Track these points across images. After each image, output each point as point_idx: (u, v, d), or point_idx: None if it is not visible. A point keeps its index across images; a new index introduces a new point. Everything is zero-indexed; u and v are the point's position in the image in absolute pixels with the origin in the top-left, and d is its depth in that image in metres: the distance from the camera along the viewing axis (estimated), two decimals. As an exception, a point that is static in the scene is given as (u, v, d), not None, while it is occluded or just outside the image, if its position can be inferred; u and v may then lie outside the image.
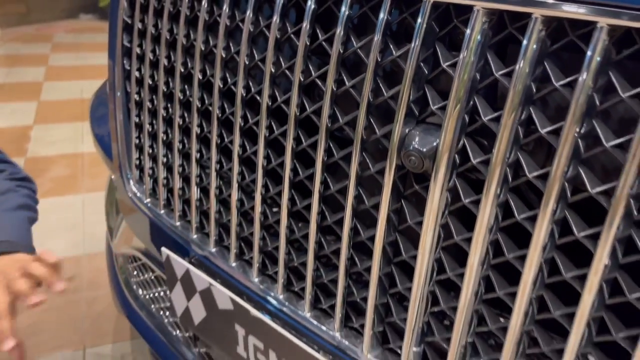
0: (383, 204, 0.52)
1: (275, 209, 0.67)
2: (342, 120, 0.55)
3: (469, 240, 0.48)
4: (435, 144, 0.48)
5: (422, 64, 0.48)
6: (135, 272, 1.07)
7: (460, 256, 0.50)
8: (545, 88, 0.43)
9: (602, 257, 0.40)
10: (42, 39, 4.50)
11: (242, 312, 0.68)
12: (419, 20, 0.47)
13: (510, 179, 0.45)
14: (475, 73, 0.45)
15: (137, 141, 0.88)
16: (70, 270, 1.63)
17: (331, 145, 0.57)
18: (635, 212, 0.39)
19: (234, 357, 0.74)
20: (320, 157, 0.57)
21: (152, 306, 1.04)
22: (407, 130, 0.49)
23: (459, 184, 0.48)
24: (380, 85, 0.51)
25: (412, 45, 0.47)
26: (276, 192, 0.65)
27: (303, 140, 0.59)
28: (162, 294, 1.01)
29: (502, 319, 0.50)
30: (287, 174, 0.61)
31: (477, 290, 0.49)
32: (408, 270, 0.55)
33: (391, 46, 0.50)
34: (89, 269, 1.63)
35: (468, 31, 0.44)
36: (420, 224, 0.51)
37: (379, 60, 0.50)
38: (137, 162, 0.89)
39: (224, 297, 0.70)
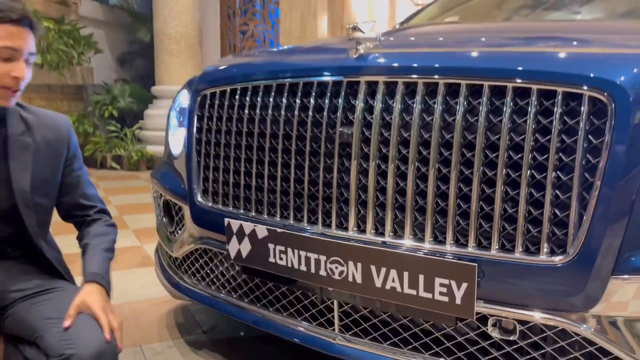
0: (336, 158, 1.31)
1: (284, 184, 1.43)
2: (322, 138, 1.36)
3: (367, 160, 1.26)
4: (352, 131, 1.28)
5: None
6: (189, 264, 1.75)
7: (365, 171, 1.28)
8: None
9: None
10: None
11: (272, 233, 1.40)
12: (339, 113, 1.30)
13: (378, 147, 1.25)
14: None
15: (204, 174, 1.64)
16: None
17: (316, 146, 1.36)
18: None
19: (267, 266, 1.43)
20: (306, 149, 1.36)
21: (204, 282, 1.71)
22: (344, 130, 1.29)
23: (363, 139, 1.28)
24: (336, 129, 1.33)
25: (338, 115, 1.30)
26: (286, 175, 1.42)
27: (302, 147, 1.39)
28: (211, 270, 1.69)
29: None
30: (293, 164, 1.39)
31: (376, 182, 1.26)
32: (346, 187, 1.31)
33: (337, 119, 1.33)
34: (130, 309, 2.23)
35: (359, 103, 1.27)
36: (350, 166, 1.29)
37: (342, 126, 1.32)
38: (203, 187, 1.64)
39: (262, 230, 1.42)
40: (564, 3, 3.07)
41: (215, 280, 1.68)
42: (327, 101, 1.33)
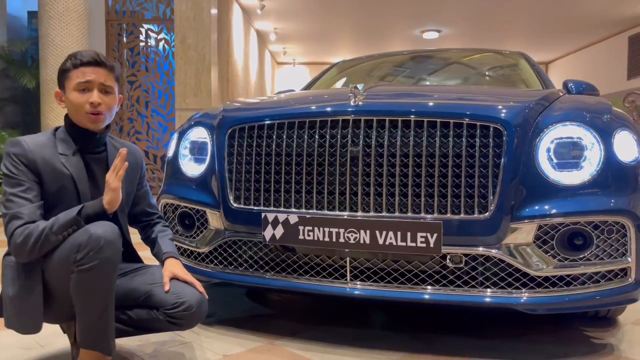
0: (348, 166, 2.08)
1: (308, 186, 2.15)
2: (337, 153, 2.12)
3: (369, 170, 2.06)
4: (358, 149, 2.07)
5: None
6: (215, 255, 2.34)
7: (368, 178, 2.06)
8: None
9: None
10: None
11: (302, 217, 2.10)
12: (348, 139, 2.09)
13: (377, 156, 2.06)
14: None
15: (236, 185, 2.27)
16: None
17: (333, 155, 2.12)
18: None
19: (297, 242, 2.12)
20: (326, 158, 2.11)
21: (240, 266, 2.31)
22: (353, 148, 2.08)
23: (365, 154, 2.07)
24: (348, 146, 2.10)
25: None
26: (308, 180, 2.14)
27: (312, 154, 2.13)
28: (239, 255, 2.30)
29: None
30: (304, 171, 2.12)
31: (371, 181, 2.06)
32: (354, 184, 2.08)
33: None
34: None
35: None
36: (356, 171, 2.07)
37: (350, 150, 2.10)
38: (235, 194, 2.27)
39: (294, 217, 2.11)
40: (415, 73, 4.28)
41: (243, 262, 2.30)
42: (339, 130, 2.11)
